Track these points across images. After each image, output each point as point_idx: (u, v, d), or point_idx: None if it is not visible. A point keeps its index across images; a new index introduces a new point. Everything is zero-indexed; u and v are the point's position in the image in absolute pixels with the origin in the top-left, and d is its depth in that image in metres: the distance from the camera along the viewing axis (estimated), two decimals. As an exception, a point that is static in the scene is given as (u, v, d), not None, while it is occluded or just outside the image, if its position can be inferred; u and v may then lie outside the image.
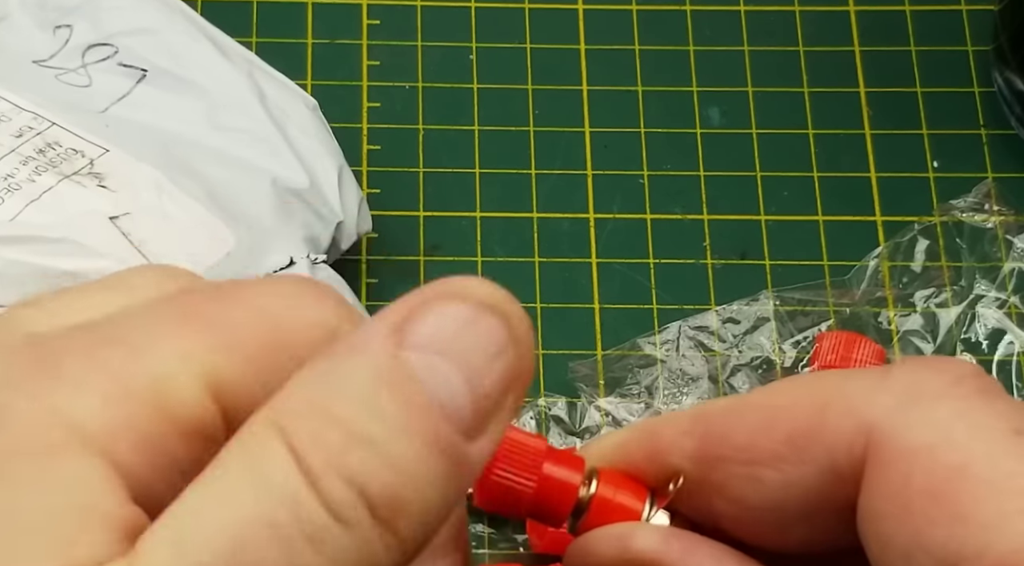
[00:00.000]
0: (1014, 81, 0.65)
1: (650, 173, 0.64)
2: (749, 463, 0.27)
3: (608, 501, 0.28)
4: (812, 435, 0.26)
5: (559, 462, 0.28)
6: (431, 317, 0.24)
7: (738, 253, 0.62)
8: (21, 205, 0.53)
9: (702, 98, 0.66)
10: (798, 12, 0.68)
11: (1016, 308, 0.61)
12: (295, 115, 0.59)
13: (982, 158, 0.65)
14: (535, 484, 0.27)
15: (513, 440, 0.27)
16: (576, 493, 0.28)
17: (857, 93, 0.66)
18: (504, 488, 0.28)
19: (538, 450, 0.28)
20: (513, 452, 0.27)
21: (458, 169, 0.64)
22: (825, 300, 0.61)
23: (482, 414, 0.24)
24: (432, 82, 0.65)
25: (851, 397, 0.26)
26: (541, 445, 0.28)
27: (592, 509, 0.28)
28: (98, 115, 0.58)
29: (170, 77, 0.59)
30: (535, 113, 0.65)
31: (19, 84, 0.58)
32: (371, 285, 0.61)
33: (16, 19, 0.60)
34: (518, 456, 0.27)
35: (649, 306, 0.61)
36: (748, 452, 0.27)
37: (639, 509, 0.28)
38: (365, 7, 0.67)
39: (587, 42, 0.67)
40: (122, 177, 0.55)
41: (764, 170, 0.64)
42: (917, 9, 0.68)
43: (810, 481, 0.27)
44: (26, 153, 0.55)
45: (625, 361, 0.59)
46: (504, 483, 0.27)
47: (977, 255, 0.62)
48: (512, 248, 0.62)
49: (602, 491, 0.28)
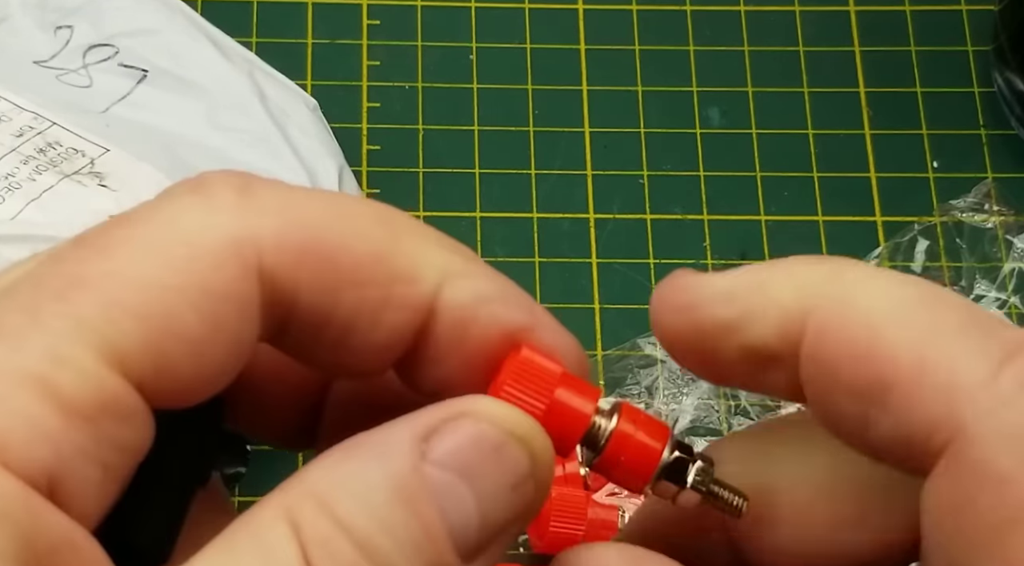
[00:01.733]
0: (1014, 81, 0.65)
1: (650, 173, 0.64)
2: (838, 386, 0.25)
3: (628, 437, 0.27)
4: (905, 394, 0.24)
5: (573, 389, 0.26)
6: (459, 435, 0.23)
7: (738, 253, 0.62)
8: (22, 204, 0.53)
9: (702, 98, 0.66)
10: (798, 12, 0.68)
11: (1016, 308, 0.61)
12: (295, 115, 0.59)
13: (982, 158, 0.65)
14: (544, 407, 0.26)
15: (528, 360, 0.26)
16: (586, 422, 0.26)
17: (857, 93, 0.66)
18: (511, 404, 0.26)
19: (552, 373, 0.26)
20: (526, 373, 0.26)
21: (458, 169, 0.64)
22: (825, 300, 0.61)
23: (485, 541, 0.23)
24: (432, 82, 0.66)
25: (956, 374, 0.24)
26: (556, 369, 0.26)
27: (611, 444, 0.26)
28: (99, 115, 0.58)
29: (170, 77, 0.59)
30: (535, 113, 0.65)
31: (20, 84, 0.58)
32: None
33: (17, 20, 0.60)
34: (530, 378, 0.26)
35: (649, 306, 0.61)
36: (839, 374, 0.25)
37: (658, 450, 0.27)
38: (365, 7, 0.67)
39: (587, 42, 0.67)
40: (122, 176, 0.55)
41: (764, 170, 0.64)
42: (917, 9, 0.68)
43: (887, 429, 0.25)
44: (27, 152, 0.55)
45: (625, 361, 0.59)
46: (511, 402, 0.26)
47: (977, 255, 0.62)
48: (512, 248, 0.62)
49: (623, 426, 0.27)
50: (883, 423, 0.25)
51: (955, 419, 0.24)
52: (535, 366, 0.26)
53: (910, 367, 0.24)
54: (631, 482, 0.27)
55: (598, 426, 0.27)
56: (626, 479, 0.27)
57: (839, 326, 0.25)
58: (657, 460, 0.27)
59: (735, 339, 0.26)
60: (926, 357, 0.24)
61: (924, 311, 0.25)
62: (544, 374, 0.26)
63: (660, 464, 0.27)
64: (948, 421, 0.24)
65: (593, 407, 0.27)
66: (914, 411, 0.24)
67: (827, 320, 0.25)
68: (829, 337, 0.25)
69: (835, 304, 0.25)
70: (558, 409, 0.26)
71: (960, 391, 0.24)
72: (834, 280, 0.26)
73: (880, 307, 0.25)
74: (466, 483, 0.23)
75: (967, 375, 0.24)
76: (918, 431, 0.24)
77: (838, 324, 0.25)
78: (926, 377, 0.24)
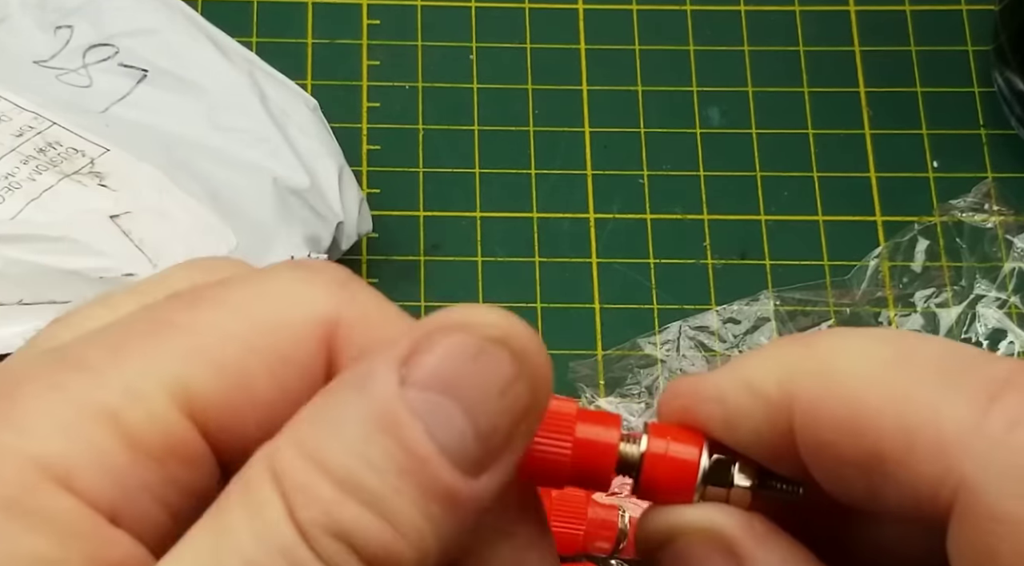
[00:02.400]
0: (1014, 81, 0.65)
1: (650, 173, 0.64)
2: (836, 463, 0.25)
3: (660, 457, 0.26)
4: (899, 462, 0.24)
5: (592, 422, 0.26)
6: (434, 352, 0.23)
7: (738, 253, 0.62)
8: (22, 204, 0.53)
9: (702, 98, 0.66)
10: (798, 12, 0.68)
11: (1016, 308, 0.61)
12: (295, 115, 0.59)
13: (982, 158, 0.65)
14: (570, 449, 0.26)
15: None
16: (614, 452, 0.26)
17: (857, 93, 0.66)
18: (539, 458, 0.26)
19: (568, 413, 0.26)
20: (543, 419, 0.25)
21: (458, 169, 0.64)
22: (825, 300, 0.61)
23: (489, 451, 0.23)
24: (432, 82, 0.65)
25: (944, 430, 0.24)
26: (571, 408, 0.26)
27: (646, 467, 0.26)
28: (99, 115, 0.58)
29: (170, 77, 0.59)
30: (535, 113, 0.65)
31: (20, 84, 0.58)
32: (371, 285, 0.61)
33: (17, 20, 0.60)
34: (548, 422, 0.25)
35: (649, 306, 0.61)
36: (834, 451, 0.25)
37: (694, 460, 0.26)
38: (365, 7, 0.67)
39: (587, 42, 0.67)
40: (123, 176, 0.55)
41: (764, 170, 0.64)
42: (917, 9, 0.68)
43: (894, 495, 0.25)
44: (27, 152, 0.55)
45: (625, 361, 0.59)
46: (537, 453, 0.25)
47: (977, 255, 0.62)
48: (512, 248, 0.62)
49: (653, 446, 0.26)
50: (888, 490, 0.25)
51: (954, 473, 0.24)
52: (550, 410, 0.25)
53: (897, 434, 0.24)
54: (678, 497, 0.26)
55: (628, 453, 0.26)
56: (672, 496, 0.27)
57: (822, 405, 0.25)
58: (695, 471, 0.26)
59: (732, 437, 0.26)
60: (910, 419, 0.24)
61: (901, 370, 0.25)
62: (560, 415, 0.26)
63: (700, 473, 0.26)
64: (948, 477, 0.24)
65: (617, 436, 0.26)
66: (913, 475, 0.24)
67: (810, 401, 0.25)
68: (815, 418, 0.25)
69: (815, 382, 0.25)
70: (583, 447, 0.26)
71: (952, 445, 0.24)
72: (810, 357, 0.25)
73: (857, 375, 0.25)
74: (449, 398, 0.23)
75: (955, 426, 0.24)
76: (923, 493, 0.24)
77: (821, 404, 0.25)
78: (915, 439, 0.24)
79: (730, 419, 0.26)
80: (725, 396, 0.26)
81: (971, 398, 0.24)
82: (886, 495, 0.25)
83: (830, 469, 0.25)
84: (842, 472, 0.25)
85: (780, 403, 0.26)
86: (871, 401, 0.25)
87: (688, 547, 0.26)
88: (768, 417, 0.26)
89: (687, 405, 0.27)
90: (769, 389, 0.26)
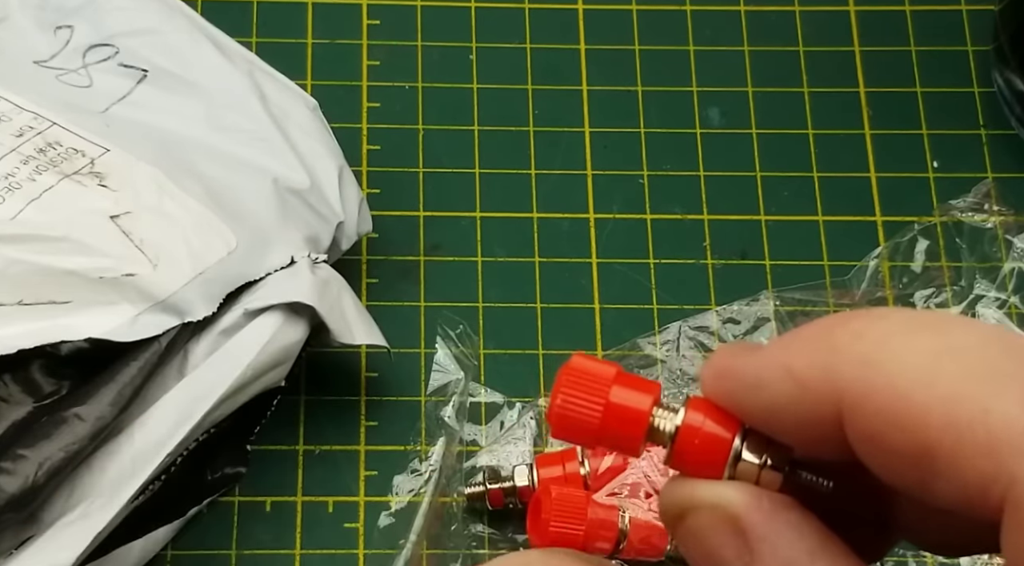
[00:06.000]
0: (1014, 81, 0.65)
1: (650, 173, 0.64)
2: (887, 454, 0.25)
3: (696, 429, 0.26)
4: (948, 458, 0.24)
5: (629, 387, 0.26)
6: None
7: (738, 253, 0.62)
8: (22, 204, 0.53)
9: (702, 98, 0.66)
10: (798, 12, 0.68)
11: (1016, 308, 0.61)
12: (295, 115, 0.59)
13: (982, 158, 0.65)
14: (601, 411, 0.26)
15: (579, 366, 0.26)
16: (644, 420, 0.26)
17: (857, 93, 0.66)
18: (570, 417, 0.26)
19: (606, 376, 0.26)
20: (579, 378, 0.26)
21: (458, 169, 0.64)
22: (825, 300, 0.61)
23: None
24: (432, 82, 0.65)
25: (993, 429, 0.24)
26: (610, 372, 0.26)
27: (679, 439, 0.26)
28: (99, 115, 0.58)
29: (170, 77, 0.59)
30: (535, 113, 0.65)
31: (20, 84, 0.58)
32: (371, 285, 0.61)
33: (16, 20, 0.60)
34: (584, 382, 0.26)
35: (649, 306, 0.61)
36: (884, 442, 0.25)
37: (728, 439, 0.26)
38: (365, 7, 0.67)
39: (587, 42, 0.67)
40: (123, 176, 0.55)
41: (764, 170, 0.64)
42: (917, 9, 0.68)
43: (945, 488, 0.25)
44: (27, 152, 0.55)
45: (625, 361, 0.59)
46: (569, 411, 0.26)
47: (977, 255, 0.62)
48: (512, 248, 0.62)
49: (690, 419, 0.26)
50: (939, 483, 0.25)
51: (1005, 472, 0.24)
52: (588, 370, 0.26)
53: (946, 430, 0.24)
54: (708, 471, 0.27)
55: (662, 422, 0.27)
56: (702, 469, 0.27)
57: (869, 398, 0.25)
58: (728, 447, 0.27)
59: (772, 423, 0.27)
60: (959, 417, 0.24)
61: (949, 363, 0.25)
62: (597, 377, 0.26)
63: (732, 451, 0.27)
64: (998, 475, 0.24)
65: (649, 403, 0.27)
66: (962, 472, 0.24)
67: (857, 393, 0.25)
68: (863, 409, 0.25)
69: (860, 373, 0.25)
70: (614, 411, 0.26)
71: (1002, 443, 0.24)
72: (854, 345, 0.26)
73: (904, 369, 0.25)
74: None
75: (1005, 425, 0.24)
76: (973, 491, 0.24)
77: (867, 396, 0.25)
78: (964, 437, 0.24)
79: (770, 406, 0.26)
80: (766, 383, 0.26)
81: (1021, 396, 0.24)
82: (937, 487, 0.25)
83: (882, 459, 0.25)
84: (894, 462, 0.25)
85: (823, 392, 0.26)
86: (918, 397, 0.25)
87: (697, 521, 0.27)
88: (810, 406, 0.26)
89: (729, 389, 0.27)
90: (811, 378, 0.26)
